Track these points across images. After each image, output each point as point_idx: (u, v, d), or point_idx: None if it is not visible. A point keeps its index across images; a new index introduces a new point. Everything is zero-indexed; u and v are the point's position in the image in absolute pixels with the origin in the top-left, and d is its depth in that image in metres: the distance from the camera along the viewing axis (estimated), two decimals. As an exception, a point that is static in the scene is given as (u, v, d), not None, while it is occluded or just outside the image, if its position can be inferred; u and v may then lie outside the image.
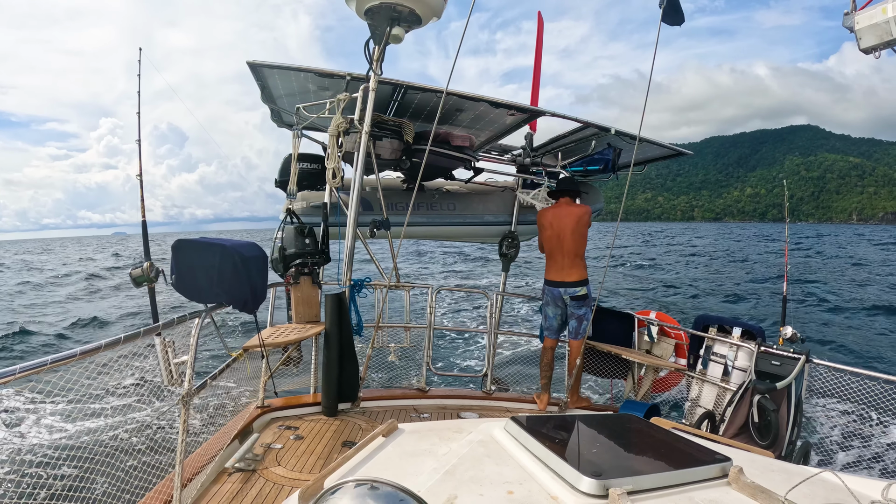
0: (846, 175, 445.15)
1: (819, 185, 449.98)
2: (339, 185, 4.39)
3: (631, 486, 1.32)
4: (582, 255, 4.77)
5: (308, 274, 4.29)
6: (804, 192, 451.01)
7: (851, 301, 18.11)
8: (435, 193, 5.77)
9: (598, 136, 5.61)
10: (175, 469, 2.60)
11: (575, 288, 4.69)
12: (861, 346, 12.16)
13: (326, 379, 4.11)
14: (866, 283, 23.90)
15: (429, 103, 4.81)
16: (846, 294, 19.85)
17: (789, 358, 3.83)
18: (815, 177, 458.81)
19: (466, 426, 1.89)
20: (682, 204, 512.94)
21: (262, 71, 4.28)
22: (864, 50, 2.56)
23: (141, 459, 3.22)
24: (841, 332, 13.64)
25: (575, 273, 4.70)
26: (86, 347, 2.04)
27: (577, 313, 4.75)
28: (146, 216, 2.98)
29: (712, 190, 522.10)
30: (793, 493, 1.31)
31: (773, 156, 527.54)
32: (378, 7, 3.74)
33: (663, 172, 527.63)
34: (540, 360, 5.05)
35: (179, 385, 2.61)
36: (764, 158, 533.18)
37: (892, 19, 2.40)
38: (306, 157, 5.02)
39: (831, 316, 16.01)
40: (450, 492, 1.33)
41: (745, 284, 23.61)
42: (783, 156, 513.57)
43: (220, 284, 2.89)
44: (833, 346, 12.11)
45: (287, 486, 2.98)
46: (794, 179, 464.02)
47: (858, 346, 12.25)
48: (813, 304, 17.74)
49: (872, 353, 11.73)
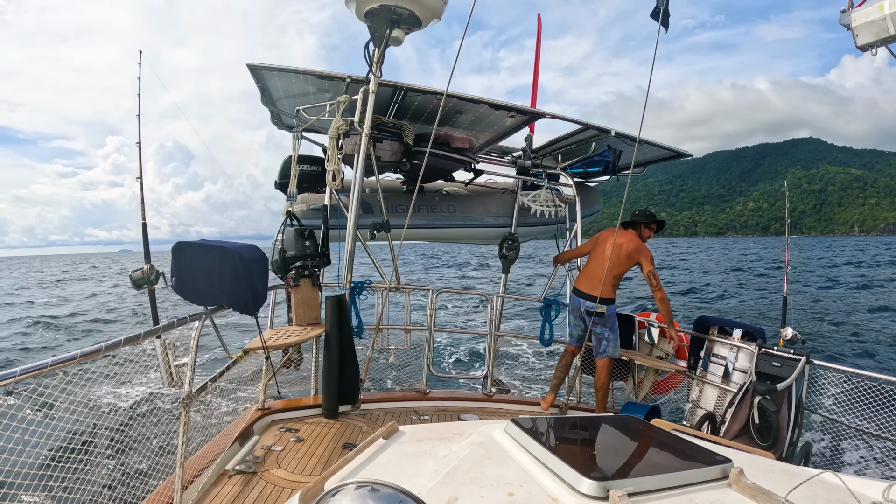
0: (848, 187, 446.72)
1: (821, 198, 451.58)
2: (339, 188, 4.40)
3: (632, 488, 1.32)
4: (615, 279, 4.66)
5: (308, 276, 4.29)
6: (806, 206, 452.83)
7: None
8: (435, 195, 5.77)
9: (598, 138, 5.61)
10: (176, 471, 2.60)
11: (592, 302, 4.61)
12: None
13: (327, 381, 4.11)
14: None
15: (429, 105, 4.81)
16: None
17: (790, 359, 3.82)
18: (817, 189, 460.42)
19: (467, 428, 1.89)
20: (686, 219, 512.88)
21: (262, 73, 4.29)
22: (861, 47, 2.56)
23: (141, 461, 3.22)
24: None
25: (601, 289, 4.56)
26: (86, 350, 2.04)
27: (595, 331, 4.70)
28: (146, 218, 2.99)
29: (715, 205, 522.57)
30: (793, 494, 1.31)
31: (775, 169, 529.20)
32: (378, 9, 3.74)
33: (666, 188, 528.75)
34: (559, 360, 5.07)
35: (180, 387, 2.61)
36: (766, 172, 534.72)
37: (888, 16, 2.39)
38: (306, 160, 5.03)
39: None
40: (450, 493, 1.33)
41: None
42: (785, 169, 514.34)
43: (221, 287, 2.90)
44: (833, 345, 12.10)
45: (287, 489, 2.98)
46: (795, 193, 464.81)
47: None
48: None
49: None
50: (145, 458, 3.22)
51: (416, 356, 5.23)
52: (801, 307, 17.61)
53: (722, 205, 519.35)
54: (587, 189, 6.39)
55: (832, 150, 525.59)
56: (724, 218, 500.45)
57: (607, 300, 4.63)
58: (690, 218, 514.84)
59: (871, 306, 18.82)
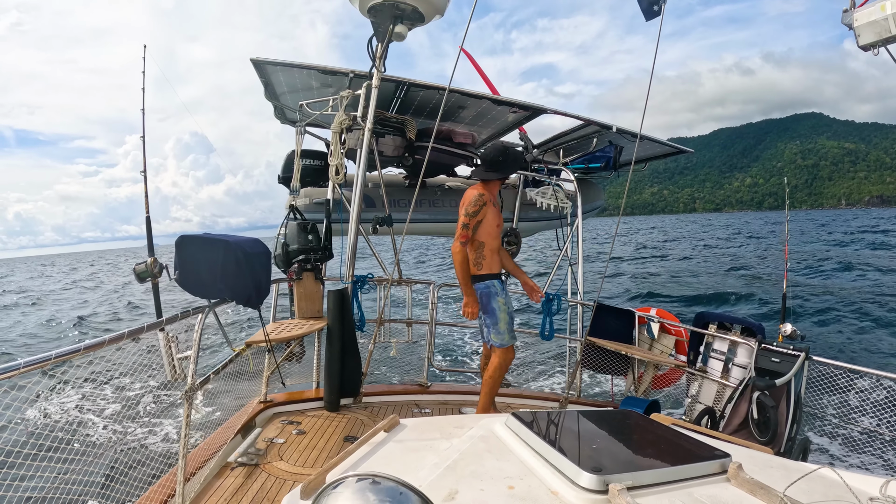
0: (839, 161, 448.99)
1: (813, 173, 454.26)
2: (342, 182, 4.41)
3: (631, 482, 1.33)
4: (472, 248, 3.73)
5: (311, 270, 4.31)
6: (798, 180, 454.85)
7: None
8: (437, 190, 5.78)
9: (599, 134, 5.61)
10: (178, 463, 2.62)
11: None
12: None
13: (328, 374, 4.13)
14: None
15: (431, 100, 4.81)
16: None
17: (789, 355, 3.83)
18: (810, 164, 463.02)
19: (467, 421, 1.91)
20: (685, 196, 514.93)
21: (266, 68, 4.29)
22: (863, 47, 2.55)
23: (144, 453, 3.25)
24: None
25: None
26: (90, 342, 2.05)
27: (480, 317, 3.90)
28: (149, 211, 2.99)
29: (715, 181, 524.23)
30: (791, 489, 1.32)
31: (775, 145, 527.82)
32: (381, 5, 3.74)
33: (671, 166, 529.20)
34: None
35: (182, 380, 2.63)
36: (768, 148, 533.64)
37: (891, 16, 2.39)
38: (309, 154, 5.04)
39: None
40: (451, 486, 1.35)
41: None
42: (785, 145, 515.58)
43: (224, 280, 2.91)
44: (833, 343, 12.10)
45: (289, 481, 3.00)
46: (790, 168, 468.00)
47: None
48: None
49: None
50: (148, 449, 3.25)
51: (417, 350, 5.24)
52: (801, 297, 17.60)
53: (722, 181, 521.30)
54: (588, 184, 6.39)
55: (833, 124, 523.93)
56: (722, 194, 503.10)
57: (476, 277, 3.71)
58: (690, 195, 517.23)
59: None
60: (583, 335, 5.09)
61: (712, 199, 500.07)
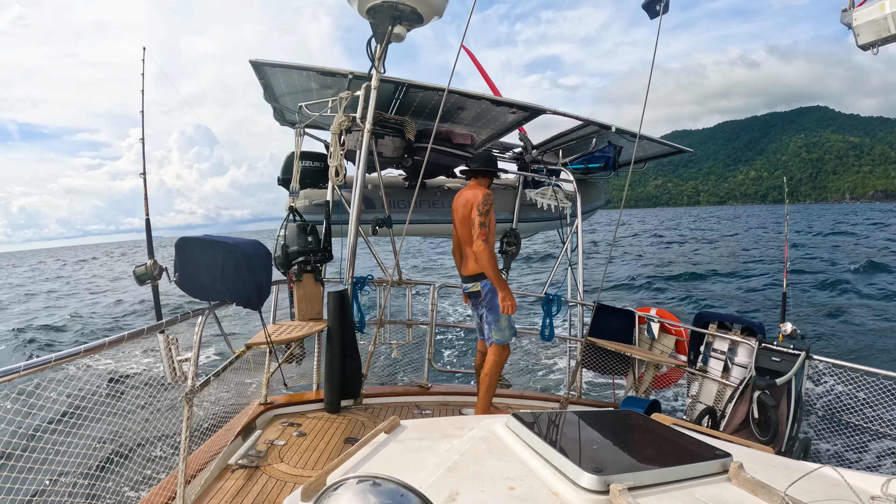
0: (844, 155, 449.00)
1: (817, 167, 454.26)
2: (342, 183, 4.40)
3: (632, 482, 1.33)
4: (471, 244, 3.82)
5: (311, 271, 4.31)
6: (803, 174, 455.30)
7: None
8: (437, 191, 5.78)
9: (598, 134, 5.61)
10: (179, 465, 2.61)
11: (467, 283, 3.97)
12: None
13: (329, 376, 4.13)
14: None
15: (430, 101, 4.81)
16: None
17: (789, 354, 3.83)
18: (815, 158, 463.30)
19: (468, 422, 1.90)
20: (689, 189, 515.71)
21: (265, 69, 4.29)
22: (863, 46, 2.55)
23: (145, 456, 3.24)
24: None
25: (468, 265, 3.95)
26: (90, 345, 2.05)
27: (479, 314, 4.05)
28: (149, 213, 2.99)
29: (719, 174, 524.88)
30: (793, 488, 1.32)
31: (780, 138, 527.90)
32: (380, 6, 3.74)
33: (675, 159, 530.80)
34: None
35: (183, 382, 2.62)
36: (772, 141, 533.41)
37: (889, 15, 2.39)
38: (309, 156, 5.03)
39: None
40: (451, 487, 1.34)
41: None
42: (789, 138, 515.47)
43: (224, 282, 2.91)
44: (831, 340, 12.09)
45: (290, 483, 3.00)
46: (794, 162, 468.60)
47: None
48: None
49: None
50: (148, 452, 3.24)
51: (417, 351, 5.23)
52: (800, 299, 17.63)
53: (726, 174, 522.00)
54: (588, 184, 6.39)
55: (838, 118, 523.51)
56: (727, 187, 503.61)
57: (479, 275, 3.85)
58: (694, 188, 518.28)
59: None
60: (583, 335, 5.10)
61: (717, 192, 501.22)
